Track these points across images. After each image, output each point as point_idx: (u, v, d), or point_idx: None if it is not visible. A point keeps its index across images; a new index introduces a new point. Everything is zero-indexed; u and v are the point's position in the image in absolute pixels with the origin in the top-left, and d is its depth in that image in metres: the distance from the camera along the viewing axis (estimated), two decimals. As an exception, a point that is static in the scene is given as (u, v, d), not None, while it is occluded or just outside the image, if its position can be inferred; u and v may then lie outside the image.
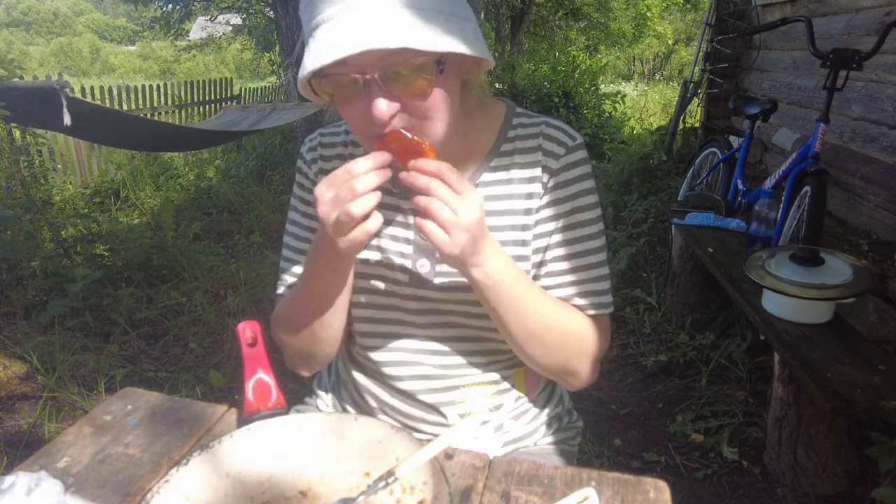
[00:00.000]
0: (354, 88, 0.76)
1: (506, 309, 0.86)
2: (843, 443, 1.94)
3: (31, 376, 2.86)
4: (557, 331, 0.91)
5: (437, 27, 0.73)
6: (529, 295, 0.88)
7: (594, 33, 14.56)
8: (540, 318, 0.89)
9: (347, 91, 0.77)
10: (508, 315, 0.87)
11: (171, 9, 11.76)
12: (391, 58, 0.73)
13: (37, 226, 4.31)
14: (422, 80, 0.76)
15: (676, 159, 5.23)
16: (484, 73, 0.91)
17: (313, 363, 1.04)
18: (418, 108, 0.78)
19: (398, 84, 0.76)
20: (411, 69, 0.75)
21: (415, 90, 0.77)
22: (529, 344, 0.90)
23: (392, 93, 0.76)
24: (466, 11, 0.80)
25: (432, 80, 0.77)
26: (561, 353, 0.92)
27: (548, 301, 0.91)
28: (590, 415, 2.55)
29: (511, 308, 0.86)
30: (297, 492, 0.80)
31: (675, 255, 3.17)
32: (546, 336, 0.90)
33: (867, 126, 3.18)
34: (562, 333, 0.92)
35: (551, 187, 0.94)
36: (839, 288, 1.96)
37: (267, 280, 3.70)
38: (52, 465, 0.85)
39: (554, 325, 0.91)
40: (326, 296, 0.92)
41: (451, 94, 0.81)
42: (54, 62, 35.08)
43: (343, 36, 0.71)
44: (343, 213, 0.75)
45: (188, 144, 5.22)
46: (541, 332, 0.90)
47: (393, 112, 0.77)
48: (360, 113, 0.78)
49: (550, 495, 0.79)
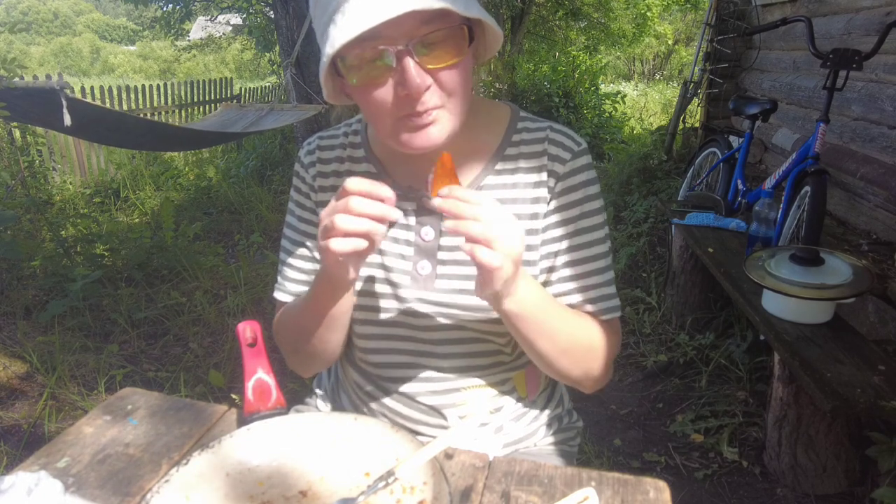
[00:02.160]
0: (383, 66, 0.75)
1: (536, 333, 0.86)
2: (843, 443, 1.94)
3: (31, 376, 2.86)
4: (581, 344, 0.92)
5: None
6: (556, 315, 0.88)
7: (594, 33, 14.54)
8: (566, 335, 0.90)
9: (376, 70, 0.76)
10: (538, 339, 0.87)
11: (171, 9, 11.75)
12: (422, 27, 0.73)
13: (37, 226, 4.32)
14: (452, 48, 0.76)
15: (676, 159, 5.23)
16: (485, 71, 0.91)
17: (314, 368, 1.06)
18: (448, 82, 0.78)
19: (430, 53, 0.75)
20: (444, 36, 0.74)
21: (446, 59, 0.76)
22: (559, 360, 0.91)
23: (424, 65, 0.75)
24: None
25: (463, 50, 0.77)
26: (586, 363, 0.93)
27: (569, 316, 0.92)
28: (590, 415, 2.55)
29: (541, 332, 0.86)
30: (297, 492, 0.80)
31: (675, 255, 3.17)
32: (573, 351, 0.91)
33: (867, 126, 3.18)
34: (586, 346, 0.93)
35: (559, 192, 0.94)
36: (839, 288, 1.96)
37: (267, 280, 3.70)
38: (52, 465, 0.85)
39: (579, 339, 0.92)
40: (325, 317, 0.92)
41: (469, 74, 0.81)
42: (54, 62, 35.09)
43: (374, 4, 0.70)
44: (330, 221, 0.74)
45: (188, 144, 5.22)
46: (569, 348, 0.90)
47: (427, 84, 0.76)
48: (388, 94, 0.77)
49: (550, 495, 0.79)
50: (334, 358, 1.02)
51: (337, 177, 1.00)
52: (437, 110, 0.79)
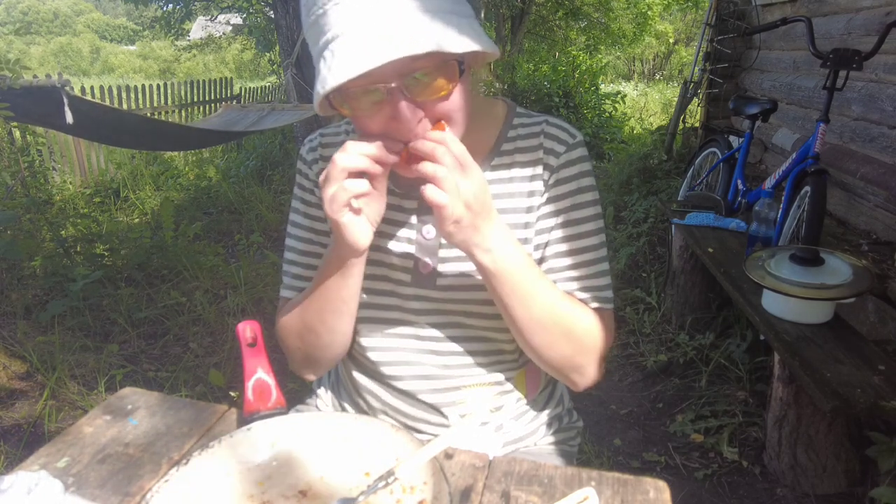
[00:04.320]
0: (375, 99, 0.76)
1: (512, 296, 0.85)
2: (843, 443, 1.94)
3: (31, 376, 2.86)
4: (563, 322, 0.90)
5: (454, 28, 0.74)
6: (537, 283, 0.87)
7: (594, 33, 14.55)
8: (546, 307, 0.88)
9: (368, 103, 0.77)
10: (514, 302, 0.86)
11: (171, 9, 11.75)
12: (412, 64, 0.73)
13: (37, 225, 4.31)
14: (443, 81, 0.76)
15: (676, 159, 5.23)
16: (486, 71, 0.91)
17: (318, 367, 1.04)
18: (440, 110, 0.79)
19: (421, 89, 0.76)
20: (434, 72, 0.75)
21: (437, 92, 0.77)
22: (535, 333, 0.89)
23: (416, 99, 0.76)
24: (468, 9, 0.80)
25: (454, 82, 0.77)
26: (567, 345, 0.91)
27: (555, 291, 0.90)
28: (590, 415, 2.55)
29: (517, 295, 0.85)
30: (297, 492, 0.80)
31: (675, 255, 3.17)
32: (552, 326, 0.89)
33: (867, 126, 3.17)
34: (568, 325, 0.90)
35: (552, 184, 0.94)
36: (839, 288, 1.96)
37: (267, 280, 3.70)
38: (52, 464, 0.85)
39: (560, 316, 0.89)
40: (334, 301, 0.92)
41: (467, 92, 0.82)
42: (54, 62, 35.06)
43: (364, 47, 0.70)
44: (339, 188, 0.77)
45: (188, 143, 5.22)
46: (547, 322, 0.88)
47: (419, 118, 0.77)
48: (382, 123, 0.78)
49: (550, 495, 0.79)
50: (338, 355, 1.01)
51: None
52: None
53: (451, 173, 0.74)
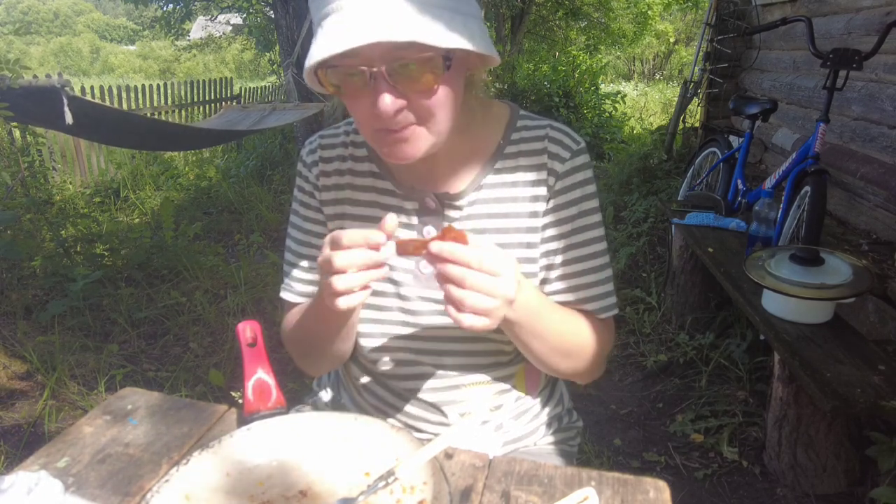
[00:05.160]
0: (361, 81, 0.76)
1: (530, 335, 0.87)
2: (843, 443, 1.94)
3: (31, 376, 2.86)
4: (574, 342, 0.94)
5: (444, 23, 0.74)
6: (551, 317, 0.89)
7: (594, 33, 14.55)
8: (559, 334, 0.91)
9: (354, 83, 0.77)
10: (531, 339, 0.88)
11: (171, 9, 11.75)
12: (399, 52, 0.73)
13: (37, 226, 4.32)
14: (428, 75, 0.76)
15: (676, 159, 5.23)
16: (486, 72, 0.91)
17: (324, 369, 1.08)
18: (424, 104, 0.78)
19: (404, 79, 0.76)
20: (418, 64, 0.75)
21: (421, 86, 0.77)
22: (549, 358, 0.92)
23: (398, 88, 0.76)
24: (473, 8, 0.80)
25: (439, 76, 0.77)
26: (580, 359, 0.95)
27: (564, 316, 0.93)
28: (590, 415, 2.55)
29: (535, 333, 0.87)
30: (297, 492, 0.80)
31: (675, 255, 3.17)
32: (568, 350, 0.93)
33: (867, 126, 3.17)
34: (578, 344, 0.94)
35: (557, 190, 0.94)
36: (839, 288, 1.96)
37: (267, 280, 3.70)
38: (52, 465, 0.85)
39: (571, 337, 0.93)
40: (333, 330, 0.93)
41: (455, 91, 0.81)
42: (54, 62, 35.08)
43: (352, 27, 0.71)
44: (326, 282, 0.75)
45: (189, 143, 5.21)
46: (560, 347, 0.92)
47: (398, 108, 0.77)
48: (366, 107, 0.78)
49: (550, 495, 0.79)
50: (346, 358, 1.03)
51: (339, 175, 1.00)
52: (412, 126, 0.80)
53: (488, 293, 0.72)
